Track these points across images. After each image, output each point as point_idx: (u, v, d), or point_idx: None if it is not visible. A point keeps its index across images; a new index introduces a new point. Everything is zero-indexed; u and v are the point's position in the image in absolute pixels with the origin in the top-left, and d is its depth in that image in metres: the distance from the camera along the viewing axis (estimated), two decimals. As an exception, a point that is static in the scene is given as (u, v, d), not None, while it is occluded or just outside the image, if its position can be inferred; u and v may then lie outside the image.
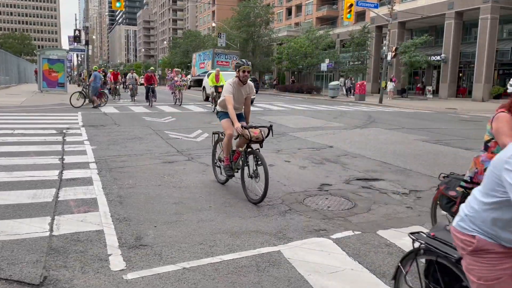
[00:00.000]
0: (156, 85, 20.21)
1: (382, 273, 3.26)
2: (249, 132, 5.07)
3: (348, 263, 3.42)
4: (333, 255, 3.56)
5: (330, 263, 3.42)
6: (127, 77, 24.24)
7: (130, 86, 22.73)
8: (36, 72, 42.41)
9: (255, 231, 4.07)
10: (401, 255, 3.53)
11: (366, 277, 3.20)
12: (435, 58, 34.87)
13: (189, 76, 46.84)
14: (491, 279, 1.78)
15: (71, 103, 16.91)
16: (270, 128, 5.18)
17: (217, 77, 16.61)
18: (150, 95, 19.24)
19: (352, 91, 34.76)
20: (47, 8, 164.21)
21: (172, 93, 21.35)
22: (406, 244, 3.82)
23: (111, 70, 28.71)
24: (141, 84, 28.79)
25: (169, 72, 24.72)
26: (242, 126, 5.08)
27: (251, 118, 5.90)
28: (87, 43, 23.67)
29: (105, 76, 25.64)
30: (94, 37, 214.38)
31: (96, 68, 22.31)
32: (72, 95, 17.74)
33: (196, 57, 49.06)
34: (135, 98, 22.43)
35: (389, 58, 28.30)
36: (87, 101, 18.02)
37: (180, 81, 20.67)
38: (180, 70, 24.15)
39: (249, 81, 5.53)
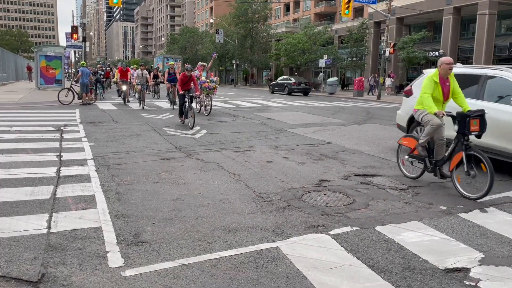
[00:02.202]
0: (198, 93, 12.76)
1: (381, 268, 3.26)
2: None
3: (347, 258, 3.42)
4: (332, 251, 3.56)
5: (329, 259, 3.42)
6: (134, 74, 18.70)
7: (139, 87, 17.21)
8: (28, 68, 42.06)
9: (254, 228, 4.06)
10: (400, 251, 3.56)
11: (365, 273, 3.21)
12: (433, 53, 34.86)
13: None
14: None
15: (59, 100, 16.77)
16: None
17: (443, 83, 5.60)
18: (188, 109, 11.15)
19: (375, 89, 32.20)
20: (44, 4, 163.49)
21: (197, 97, 14.23)
22: (404, 239, 3.83)
23: (124, 65, 21.35)
24: (153, 85, 22.40)
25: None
26: None
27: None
28: (84, 39, 23.59)
29: (94, 74, 20.87)
30: (91, 33, 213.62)
31: (83, 63, 19.11)
32: (60, 91, 17.57)
33: (155, 60, 54.12)
34: (144, 104, 16.89)
35: (387, 54, 28.29)
36: (76, 97, 17.59)
37: (208, 82, 14.25)
38: (205, 64, 15.53)
39: None
